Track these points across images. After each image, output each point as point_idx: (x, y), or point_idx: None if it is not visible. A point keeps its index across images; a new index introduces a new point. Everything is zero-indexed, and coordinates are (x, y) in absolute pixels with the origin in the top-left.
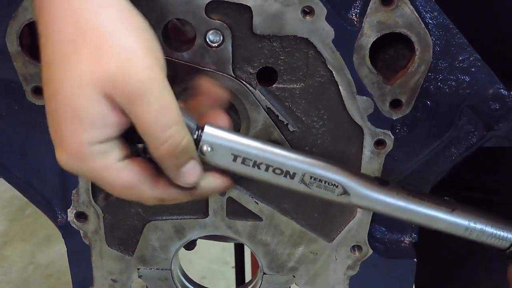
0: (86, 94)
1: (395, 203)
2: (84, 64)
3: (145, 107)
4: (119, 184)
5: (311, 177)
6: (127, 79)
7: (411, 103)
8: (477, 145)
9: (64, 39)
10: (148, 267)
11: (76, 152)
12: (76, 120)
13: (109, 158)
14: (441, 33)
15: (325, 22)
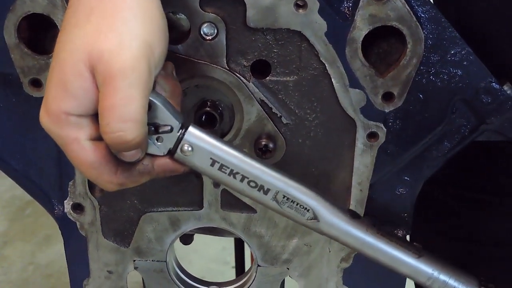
0: (75, 63)
1: (363, 238)
2: (86, 34)
3: (111, 91)
4: (82, 161)
5: (284, 196)
6: (111, 60)
7: (403, 96)
8: (470, 139)
9: (83, 9)
10: (144, 259)
11: (54, 116)
12: (60, 86)
13: (80, 133)
14: (433, 27)
15: (317, 15)
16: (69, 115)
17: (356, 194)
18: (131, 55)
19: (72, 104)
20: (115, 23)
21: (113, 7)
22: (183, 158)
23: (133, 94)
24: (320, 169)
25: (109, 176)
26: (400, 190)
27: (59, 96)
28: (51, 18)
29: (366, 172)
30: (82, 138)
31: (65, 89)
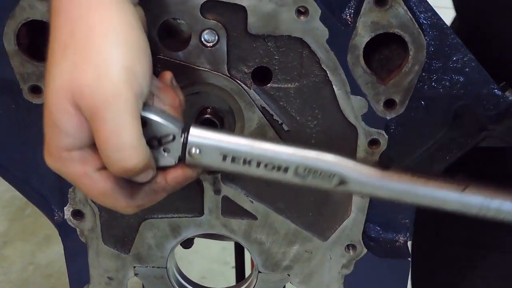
0: (60, 102)
1: (399, 187)
2: (65, 71)
3: (101, 124)
4: (95, 192)
5: (305, 169)
6: (92, 94)
7: (405, 103)
8: (471, 145)
9: (59, 46)
10: (144, 265)
11: (57, 156)
12: (54, 128)
13: (87, 167)
14: (435, 33)
15: (319, 22)
16: (70, 151)
17: (357, 201)
18: (111, 85)
19: (68, 141)
20: (89, 54)
21: (85, 37)
22: (194, 161)
23: (122, 123)
24: None
25: (125, 202)
26: None
27: (54, 136)
28: None
29: None
30: (90, 171)
31: (57, 128)
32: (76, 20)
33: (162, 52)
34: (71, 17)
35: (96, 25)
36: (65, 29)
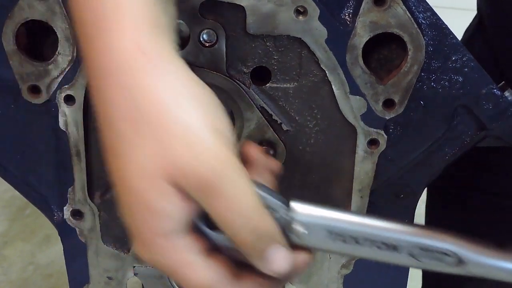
0: (154, 186)
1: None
2: (147, 151)
3: (219, 198)
4: (198, 283)
5: (420, 249)
6: (197, 169)
7: (404, 103)
8: (471, 145)
9: (124, 122)
10: (144, 265)
11: (154, 247)
12: (148, 213)
13: (189, 254)
14: (434, 33)
15: (318, 22)
16: (169, 237)
17: (356, 200)
18: (211, 151)
19: (167, 225)
20: (170, 128)
21: (155, 109)
22: (297, 241)
23: (239, 186)
24: (320, 176)
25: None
26: (401, 196)
27: (150, 222)
28: (50, 25)
29: (366, 179)
30: (193, 259)
31: (153, 213)
32: (134, 90)
33: None
34: (126, 86)
35: (160, 92)
36: (124, 101)
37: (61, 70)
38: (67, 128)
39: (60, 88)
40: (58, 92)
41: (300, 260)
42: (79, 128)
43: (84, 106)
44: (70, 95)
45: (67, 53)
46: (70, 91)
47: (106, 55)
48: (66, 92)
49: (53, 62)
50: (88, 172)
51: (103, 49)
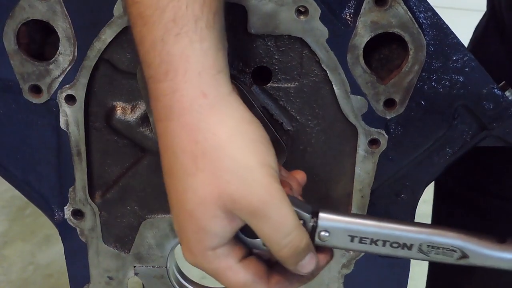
0: (208, 211)
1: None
2: (205, 183)
3: (265, 221)
4: (237, 283)
5: (428, 246)
6: (248, 200)
7: (405, 103)
8: (471, 145)
9: (184, 154)
10: (144, 265)
11: (202, 256)
12: (200, 232)
13: (230, 260)
14: (435, 33)
15: (319, 22)
16: (215, 249)
17: (357, 200)
18: (260, 184)
19: (215, 241)
20: (225, 163)
21: (213, 146)
22: (322, 243)
23: (283, 213)
24: (321, 176)
25: (264, 286)
26: (402, 196)
27: (201, 240)
28: (51, 25)
29: (367, 178)
30: (233, 263)
31: (206, 233)
32: (196, 128)
33: None
34: (188, 124)
35: (218, 131)
36: (187, 137)
37: (62, 70)
38: (68, 128)
39: (61, 87)
40: (59, 91)
41: (323, 259)
42: (80, 127)
43: (85, 106)
44: (71, 94)
45: (68, 52)
46: (71, 91)
47: (172, 97)
48: (67, 91)
49: (54, 62)
50: (89, 172)
51: (169, 91)
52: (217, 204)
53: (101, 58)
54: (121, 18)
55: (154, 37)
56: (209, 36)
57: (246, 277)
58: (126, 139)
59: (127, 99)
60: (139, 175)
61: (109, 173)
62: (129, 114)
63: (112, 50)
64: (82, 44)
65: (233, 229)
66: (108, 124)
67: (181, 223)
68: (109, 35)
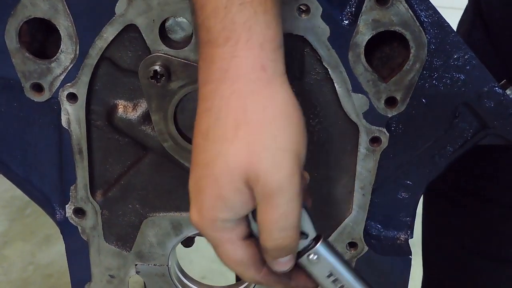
0: (233, 181)
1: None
2: (240, 152)
3: (273, 207)
4: (233, 258)
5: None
6: (268, 181)
7: (406, 101)
8: (472, 143)
9: (227, 121)
10: (146, 263)
11: (211, 222)
12: (219, 200)
13: (234, 234)
14: (436, 31)
15: (320, 20)
16: (225, 221)
17: (358, 198)
18: (286, 173)
19: (229, 214)
20: (264, 140)
21: (259, 119)
22: (306, 264)
23: (292, 208)
24: (322, 174)
25: (254, 274)
26: (403, 194)
27: (217, 207)
28: (52, 23)
29: (368, 176)
30: (235, 239)
31: (224, 203)
32: (248, 96)
33: (163, 50)
34: (241, 91)
35: (268, 105)
36: (235, 103)
37: (63, 68)
38: (70, 126)
39: (62, 86)
40: (60, 90)
41: (304, 281)
42: (81, 126)
43: (86, 104)
44: (72, 93)
45: (70, 51)
46: (72, 89)
47: (230, 61)
48: (68, 90)
49: (56, 60)
50: (90, 170)
51: (228, 56)
52: (243, 177)
53: (102, 56)
54: (123, 16)
55: (217, 3)
56: (272, 8)
57: (243, 256)
58: (127, 137)
59: (129, 97)
60: (141, 173)
61: (111, 171)
62: (130, 112)
63: (114, 48)
64: (83, 42)
65: (249, 207)
66: (110, 123)
67: (202, 186)
68: (111, 33)
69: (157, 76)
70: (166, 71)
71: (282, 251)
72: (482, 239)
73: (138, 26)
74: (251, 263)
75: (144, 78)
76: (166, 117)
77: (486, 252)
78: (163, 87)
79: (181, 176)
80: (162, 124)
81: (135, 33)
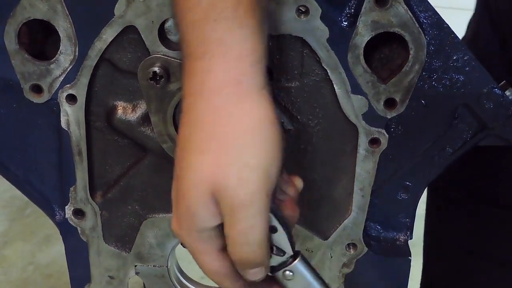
0: (200, 195)
1: None
2: (208, 165)
3: (236, 222)
4: (209, 268)
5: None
6: (233, 196)
7: (405, 102)
8: (472, 144)
9: (202, 133)
10: (145, 264)
11: (187, 232)
12: (190, 212)
13: (209, 245)
14: (435, 33)
15: (319, 22)
16: (200, 231)
17: (358, 200)
18: (250, 190)
19: (200, 225)
20: (233, 154)
21: (229, 132)
22: (281, 279)
23: (255, 223)
24: (322, 175)
25: (230, 284)
26: (402, 195)
27: (188, 218)
28: (52, 24)
29: (368, 178)
30: (211, 250)
31: (192, 214)
32: (220, 110)
33: (162, 51)
34: (214, 104)
35: (241, 119)
36: (209, 117)
37: (63, 70)
38: (69, 128)
39: (62, 87)
40: (60, 91)
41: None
42: (81, 127)
43: (85, 106)
44: (72, 94)
45: (69, 52)
46: (72, 90)
47: (206, 75)
48: (68, 91)
49: (55, 62)
50: (90, 172)
51: (205, 69)
52: (208, 190)
53: (102, 57)
54: (122, 17)
55: (194, 18)
56: (250, 22)
57: (220, 266)
58: (127, 138)
59: (128, 98)
60: (140, 174)
61: (110, 172)
62: (130, 113)
63: (113, 49)
64: (83, 44)
65: (218, 220)
66: (109, 124)
67: (177, 196)
68: (110, 34)
69: (156, 77)
70: (165, 72)
71: (247, 264)
72: (481, 240)
73: (137, 28)
74: (228, 274)
75: (143, 80)
76: (165, 118)
77: (485, 253)
78: (163, 88)
79: None
80: (161, 126)
81: (134, 35)
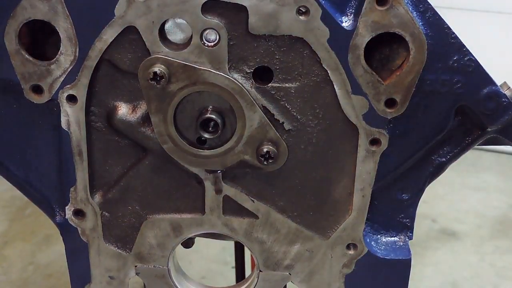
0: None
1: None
2: None
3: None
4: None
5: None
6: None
7: (406, 102)
8: (472, 145)
9: None
10: (145, 264)
11: None
12: None
13: None
14: (436, 33)
15: (320, 22)
16: None
17: (358, 200)
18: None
19: None
20: None
21: None
22: None
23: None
24: (322, 175)
25: None
26: (403, 195)
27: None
28: (52, 25)
29: (368, 178)
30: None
31: None
32: None
33: (163, 52)
34: None
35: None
36: None
37: (63, 70)
38: (69, 128)
39: (62, 87)
40: (60, 91)
41: None
42: (81, 127)
43: (86, 106)
44: (72, 94)
45: (69, 52)
46: (72, 91)
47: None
48: (68, 91)
49: (55, 62)
50: (90, 172)
51: None
52: None
53: (102, 58)
54: (122, 18)
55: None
56: None
57: None
58: (127, 139)
59: (129, 99)
60: (140, 175)
61: (110, 173)
62: (130, 114)
63: (114, 50)
64: (83, 44)
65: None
66: (110, 124)
67: None
68: (110, 35)
69: (157, 77)
70: (165, 72)
71: None
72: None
73: (138, 28)
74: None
75: (144, 80)
76: (165, 118)
77: None
78: (163, 88)
79: (181, 177)
80: (161, 126)
81: (135, 35)
